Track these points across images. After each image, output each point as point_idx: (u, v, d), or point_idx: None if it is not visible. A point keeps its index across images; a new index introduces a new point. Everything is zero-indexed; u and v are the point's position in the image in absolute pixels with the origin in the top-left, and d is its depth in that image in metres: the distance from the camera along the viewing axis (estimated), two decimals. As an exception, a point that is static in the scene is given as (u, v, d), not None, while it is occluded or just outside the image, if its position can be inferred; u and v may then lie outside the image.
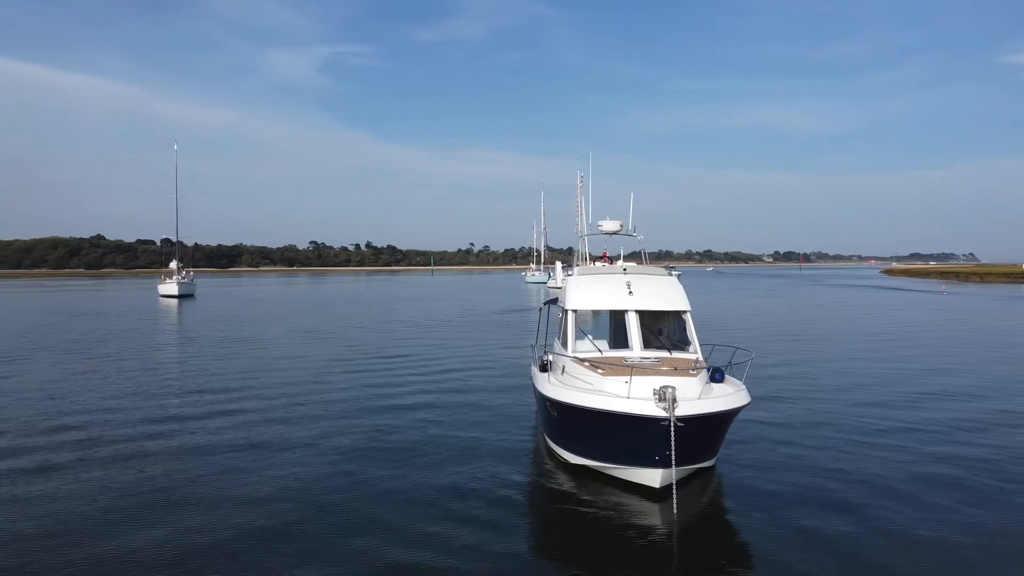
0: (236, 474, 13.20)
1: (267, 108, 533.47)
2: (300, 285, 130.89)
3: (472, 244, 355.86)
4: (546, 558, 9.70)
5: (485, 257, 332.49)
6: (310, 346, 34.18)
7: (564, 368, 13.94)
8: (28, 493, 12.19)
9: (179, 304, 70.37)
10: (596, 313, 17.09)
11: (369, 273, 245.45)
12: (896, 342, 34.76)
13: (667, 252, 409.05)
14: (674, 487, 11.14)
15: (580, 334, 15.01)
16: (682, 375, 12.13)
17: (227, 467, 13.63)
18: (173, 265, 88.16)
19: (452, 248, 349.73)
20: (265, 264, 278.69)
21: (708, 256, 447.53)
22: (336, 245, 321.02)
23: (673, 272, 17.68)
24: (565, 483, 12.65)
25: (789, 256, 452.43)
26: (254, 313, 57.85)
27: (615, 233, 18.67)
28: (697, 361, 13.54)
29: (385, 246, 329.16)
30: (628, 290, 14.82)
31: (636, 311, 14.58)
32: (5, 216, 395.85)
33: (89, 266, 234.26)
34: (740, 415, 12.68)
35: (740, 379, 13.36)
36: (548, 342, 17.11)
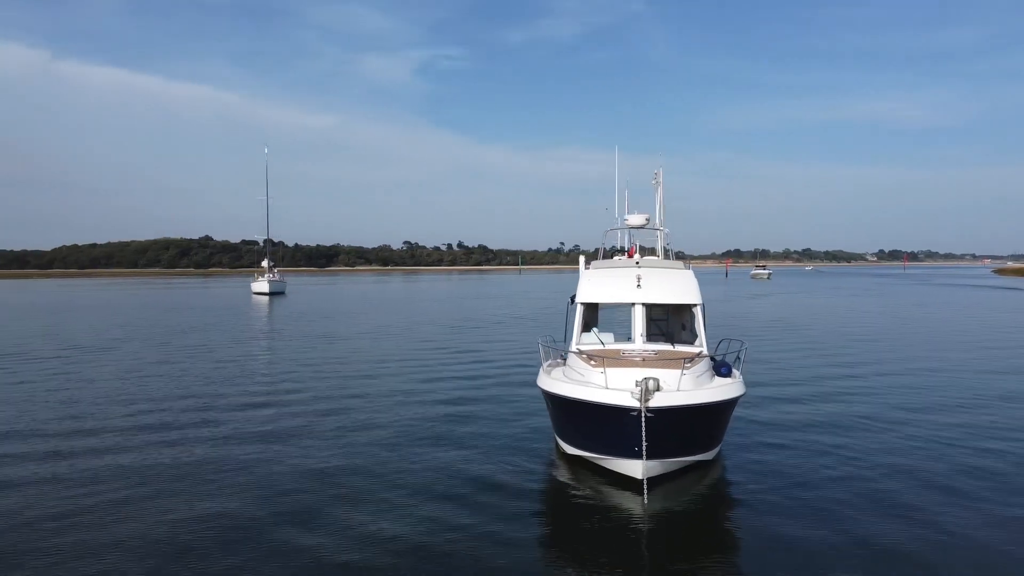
0: (260, 460, 13.96)
1: (364, 112, 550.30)
2: (392, 284, 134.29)
3: (562, 243, 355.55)
4: (511, 545, 9.80)
5: (575, 256, 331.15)
6: (376, 340, 35.32)
7: (567, 360, 14.10)
8: (80, 471, 13.32)
9: (269, 301, 73.70)
10: (604, 307, 17.04)
11: (460, 273, 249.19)
12: (986, 347, 32.90)
13: (763, 251, 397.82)
14: (645, 479, 11.14)
15: (587, 327, 15.08)
16: (673, 367, 12.06)
17: (251, 451, 14.43)
18: (265, 264, 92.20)
19: (542, 248, 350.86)
20: (361, 264, 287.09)
21: (807, 255, 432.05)
22: (429, 245, 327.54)
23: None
24: (559, 473, 12.81)
25: (895, 255, 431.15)
26: (335, 309, 60.00)
27: (641, 227, 18.63)
28: (699, 354, 13.40)
29: (476, 246, 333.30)
30: (637, 283, 14.80)
31: (643, 304, 14.56)
32: (124, 218, 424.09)
33: (198, 265, 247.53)
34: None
35: (740, 370, 13.19)
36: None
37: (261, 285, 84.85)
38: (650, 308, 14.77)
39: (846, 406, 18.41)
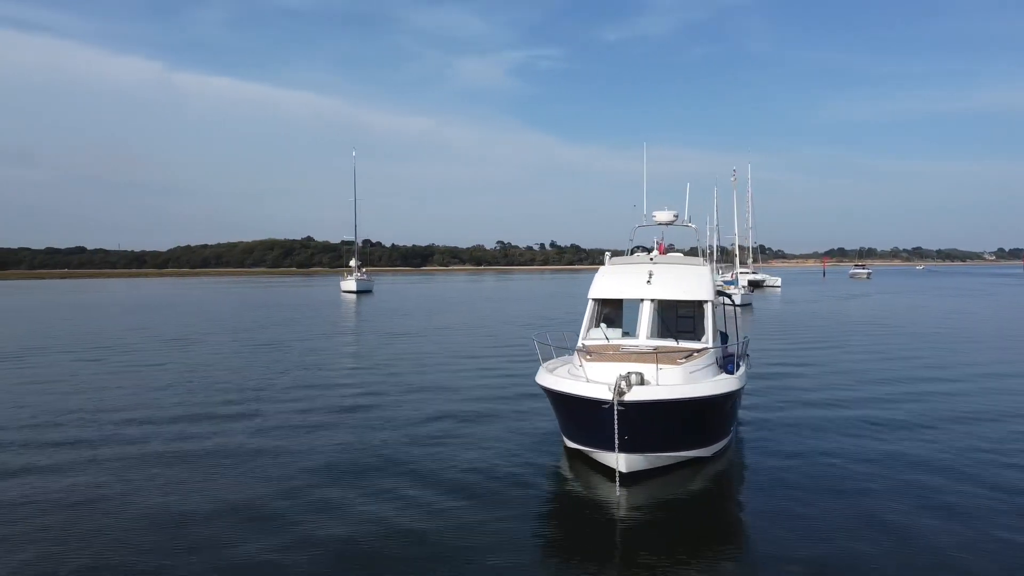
0: (279, 448, 14.84)
1: (458, 113, 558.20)
2: (483, 283, 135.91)
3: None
4: (486, 535, 10.09)
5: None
6: (445, 337, 36.24)
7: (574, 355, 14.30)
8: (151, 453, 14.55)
9: (357, 299, 76.38)
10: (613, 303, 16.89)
11: (553, 272, 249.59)
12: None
13: (869, 250, 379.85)
14: (618, 472, 11.26)
15: (609, 322, 15.24)
16: (665, 362, 12.11)
17: (275, 440, 15.35)
18: (352, 264, 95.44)
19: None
20: (455, 263, 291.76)
21: (917, 254, 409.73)
22: (522, 245, 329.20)
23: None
24: (555, 465, 13.05)
25: (1015, 254, 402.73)
26: (416, 307, 61.56)
27: (670, 224, 18.56)
28: (700, 350, 13.35)
29: (569, 245, 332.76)
30: (647, 279, 14.87)
31: (651, 300, 14.62)
32: (232, 220, 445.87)
33: (300, 265, 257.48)
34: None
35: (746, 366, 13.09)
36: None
37: (349, 284, 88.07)
38: (660, 304, 14.80)
39: (880, 411, 17.75)
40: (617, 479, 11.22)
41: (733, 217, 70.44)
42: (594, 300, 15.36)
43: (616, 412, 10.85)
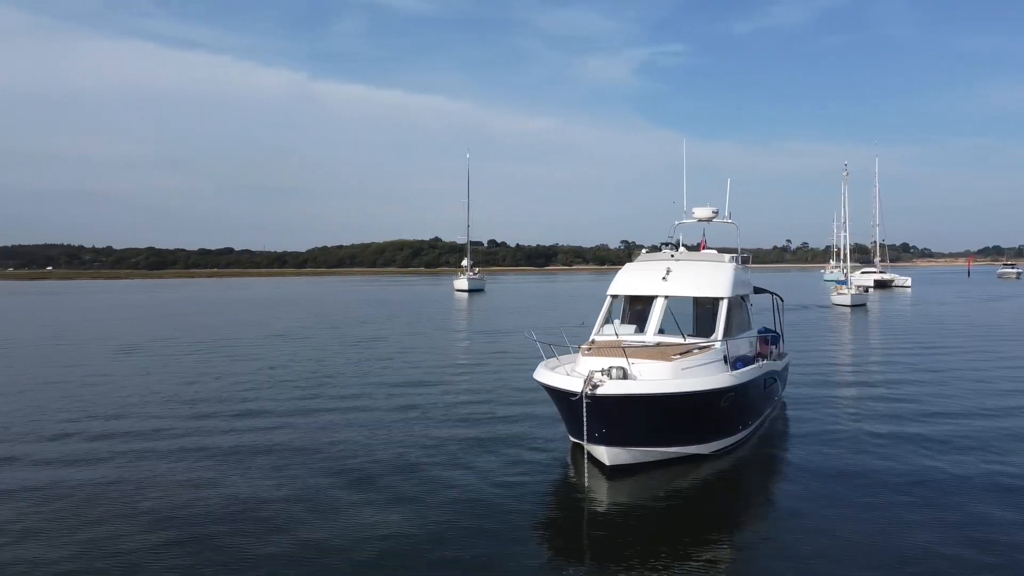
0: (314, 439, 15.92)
1: (583, 113, 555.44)
2: (604, 283, 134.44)
3: (788, 241, 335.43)
4: (457, 526, 10.53)
5: (802, 254, 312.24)
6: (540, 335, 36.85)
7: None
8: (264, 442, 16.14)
9: (468, 297, 78.49)
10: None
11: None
12: None
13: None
14: (585, 460, 11.42)
15: (611, 318, 15.32)
16: (658, 358, 12.18)
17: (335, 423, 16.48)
18: (465, 263, 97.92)
19: (766, 245, 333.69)
20: (578, 263, 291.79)
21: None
22: (646, 244, 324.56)
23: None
24: (552, 460, 13.28)
25: None
26: (525, 306, 62.47)
27: (709, 220, 18.35)
28: (703, 347, 13.22)
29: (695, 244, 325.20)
30: (664, 276, 14.88)
31: (664, 296, 14.63)
32: (366, 222, 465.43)
33: (428, 265, 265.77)
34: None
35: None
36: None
37: (461, 283, 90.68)
38: (675, 301, 14.78)
39: (937, 428, 16.78)
40: (585, 469, 11.43)
41: (844, 213, 66.75)
42: (611, 296, 15.53)
43: (585, 404, 11.08)
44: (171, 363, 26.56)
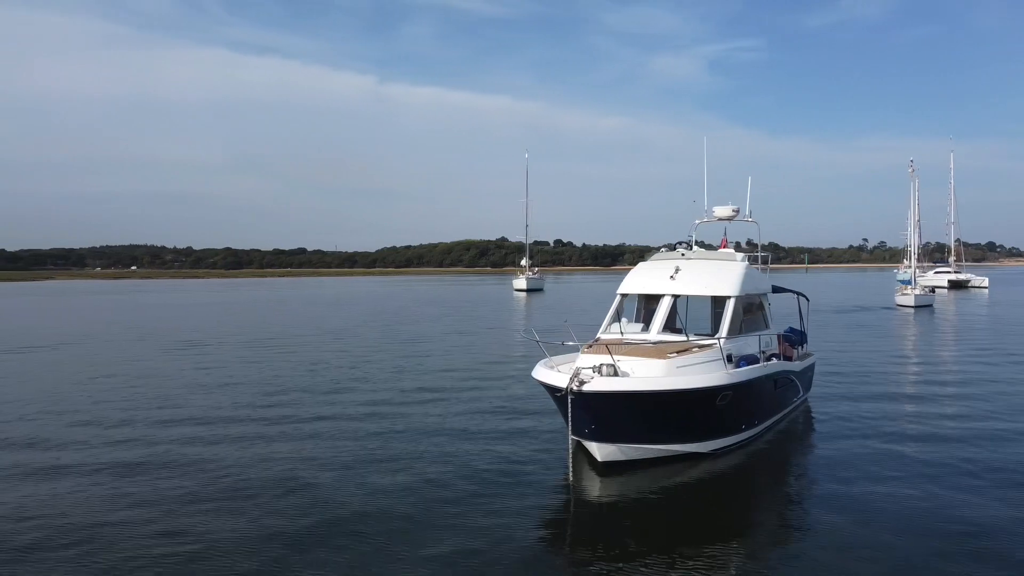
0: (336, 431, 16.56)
1: (652, 112, 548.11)
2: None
3: (865, 240, 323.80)
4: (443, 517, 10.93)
5: (879, 254, 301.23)
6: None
7: None
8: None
9: (527, 296, 78.91)
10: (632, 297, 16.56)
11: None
12: None
13: None
14: (570, 454, 11.57)
15: (618, 317, 15.42)
16: (655, 356, 12.29)
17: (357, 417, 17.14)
18: (524, 263, 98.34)
19: (842, 245, 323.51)
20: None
21: None
22: (716, 243, 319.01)
23: None
24: (551, 458, 13.40)
25: None
26: (579, 306, 62.55)
27: (730, 219, 18.25)
28: (702, 345, 13.18)
29: (767, 243, 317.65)
30: (672, 275, 14.94)
31: (672, 295, 14.69)
32: (434, 222, 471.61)
33: (494, 265, 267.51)
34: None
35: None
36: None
37: (520, 282, 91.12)
38: (681, 300, 14.83)
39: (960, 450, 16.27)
40: (569, 463, 11.61)
41: (910, 211, 64.25)
42: (620, 295, 15.66)
43: (570, 400, 11.29)
44: (218, 357, 27.79)
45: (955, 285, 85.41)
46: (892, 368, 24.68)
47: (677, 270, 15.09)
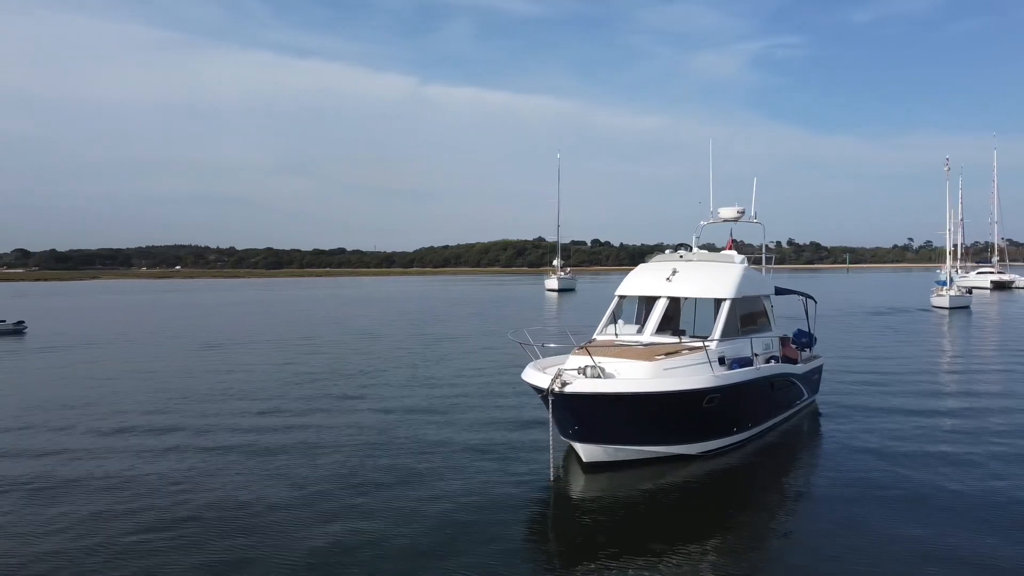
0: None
1: (692, 110, 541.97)
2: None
3: (910, 239, 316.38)
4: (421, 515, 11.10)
5: (926, 254, 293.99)
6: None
7: None
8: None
9: (558, 297, 78.93)
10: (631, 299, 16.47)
11: (790, 271, 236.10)
12: None
13: None
14: (551, 457, 11.66)
15: (614, 319, 15.47)
16: (642, 358, 12.34)
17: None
18: (556, 263, 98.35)
19: (887, 244, 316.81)
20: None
21: None
22: (756, 243, 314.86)
23: None
24: (538, 455, 13.21)
25: None
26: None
27: (735, 220, 18.19)
28: (697, 347, 13.09)
29: (808, 243, 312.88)
30: (668, 277, 14.96)
31: (668, 297, 14.71)
32: (471, 222, 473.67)
33: (531, 265, 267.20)
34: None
35: None
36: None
37: (552, 282, 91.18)
38: (677, 301, 14.83)
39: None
40: (551, 463, 11.72)
41: (946, 210, 62.74)
42: (618, 296, 15.73)
43: (551, 401, 11.42)
44: (239, 358, 28.43)
45: (998, 286, 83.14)
46: (908, 374, 23.82)
47: (674, 272, 15.11)
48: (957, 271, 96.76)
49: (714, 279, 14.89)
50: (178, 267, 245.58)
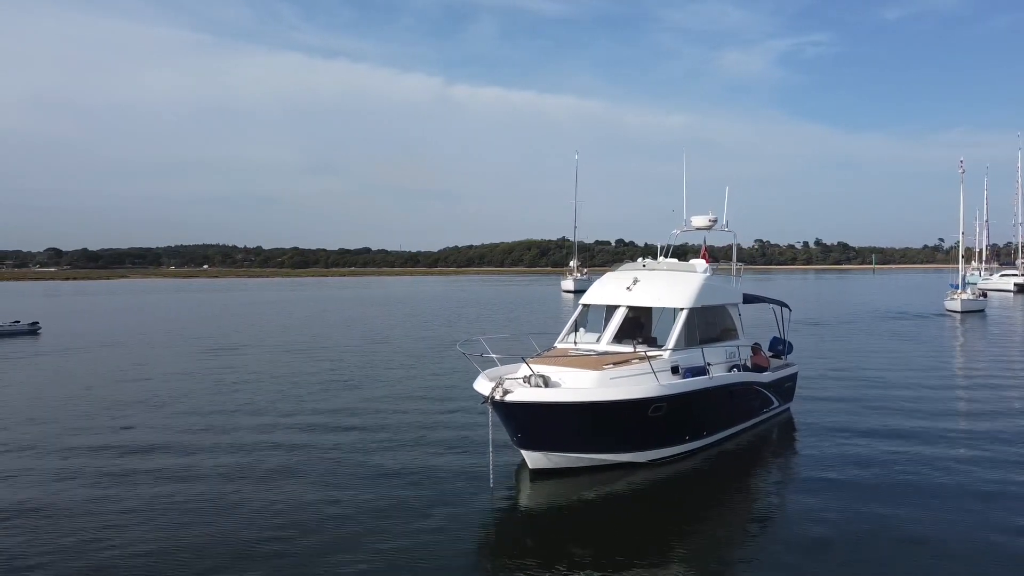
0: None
1: (720, 109, 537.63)
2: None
3: (941, 240, 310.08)
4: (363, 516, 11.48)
5: (955, 255, 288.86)
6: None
7: None
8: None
9: (573, 298, 78.92)
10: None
11: (817, 271, 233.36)
12: None
13: None
14: (491, 464, 11.97)
15: (576, 327, 15.72)
16: (590, 367, 12.64)
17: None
18: (572, 264, 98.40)
19: (916, 244, 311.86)
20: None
21: None
22: (783, 243, 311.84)
23: None
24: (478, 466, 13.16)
25: None
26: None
27: (708, 228, 18.38)
28: (650, 356, 13.24)
29: (836, 243, 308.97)
30: (629, 287, 15.19)
31: (627, 306, 14.93)
32: (496, 222, 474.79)
33: (555, 264, 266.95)
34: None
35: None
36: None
37: (568, 283, 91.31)
38: (635, 311, 15.02)
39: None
40: (491, 469, 12.00)
41: (959, 212, 61.80)
42: (582, 305, 16.00)
43: (490, 409, 11.77)
44: (236, 361, 29.13)
45: (1022, 289, 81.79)
46: (890, 388, 23.38)
47: (635, 281, 15.34)
48: (980, 273, 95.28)
49: (672, 289, 15.06)
50: (206, 266, 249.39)
